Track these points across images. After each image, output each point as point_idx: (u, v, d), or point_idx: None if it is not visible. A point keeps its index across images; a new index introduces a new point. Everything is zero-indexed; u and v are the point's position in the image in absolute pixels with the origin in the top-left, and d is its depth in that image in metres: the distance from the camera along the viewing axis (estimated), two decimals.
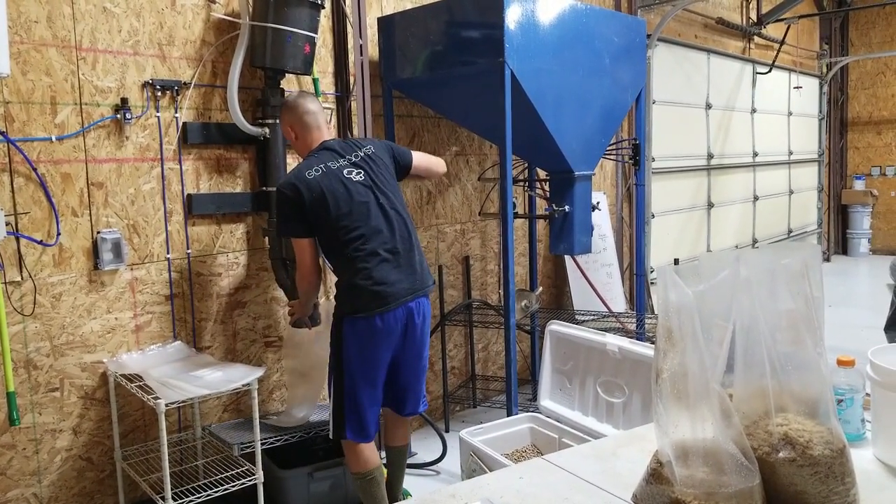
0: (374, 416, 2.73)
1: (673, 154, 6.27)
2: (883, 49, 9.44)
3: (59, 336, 2.80)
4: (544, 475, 1.41)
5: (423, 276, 2.75)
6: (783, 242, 8.19)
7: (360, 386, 2.65)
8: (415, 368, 2.80)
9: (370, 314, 2.59)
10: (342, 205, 2.63)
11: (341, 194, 2.64)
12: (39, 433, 2.77)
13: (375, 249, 2.63)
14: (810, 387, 1.18)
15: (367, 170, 2.73)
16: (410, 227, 2.77)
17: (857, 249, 9.74)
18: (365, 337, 2.62)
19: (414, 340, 2.73)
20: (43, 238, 2.74)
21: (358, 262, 2.61)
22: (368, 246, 2.62)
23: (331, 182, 2.65)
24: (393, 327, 2.64)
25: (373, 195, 2.69)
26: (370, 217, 2.65)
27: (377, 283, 2.60)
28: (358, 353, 2.63)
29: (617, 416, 3.05)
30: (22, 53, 2.65)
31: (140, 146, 2.99)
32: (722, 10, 7.03)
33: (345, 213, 2.62)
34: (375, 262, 2.62)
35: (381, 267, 2.62)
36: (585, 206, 3.79)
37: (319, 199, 2.61)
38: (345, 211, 2.62)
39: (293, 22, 3.08)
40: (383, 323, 2.61)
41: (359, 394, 2.65)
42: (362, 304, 2.60)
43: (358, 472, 2.73)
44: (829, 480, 1.14)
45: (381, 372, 2.69)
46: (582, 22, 3.59)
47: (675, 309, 1.14)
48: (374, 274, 2.60)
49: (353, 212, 2.63)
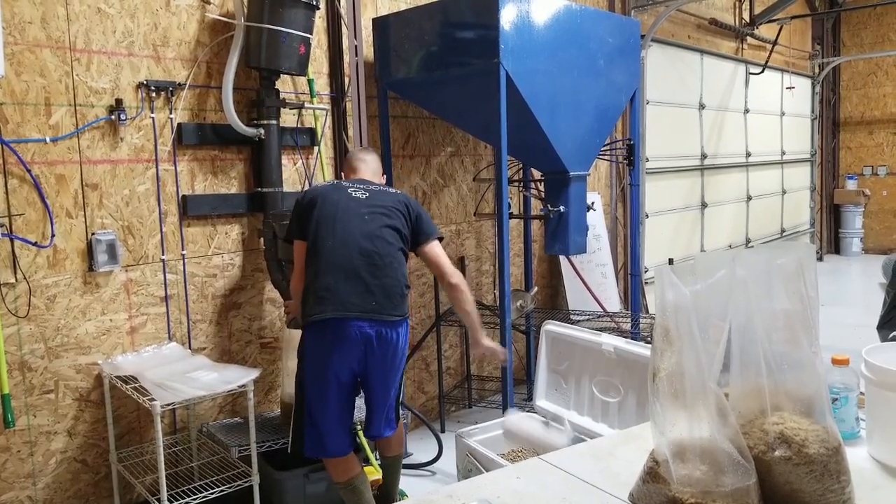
0: (337, 433, 2.63)
1: (667, 154, 6.29)
2: (874, 49, 9.49)
3: (54, 338, 2.79)
4: (541, 475, 1.42)
5: (384, 304, 2.59)
6: (777, 242, 8.22)
7: (311, 400, 2.60)
8: (378, 392, 2.70)
9: (312, 318, 2.54)
10: (327, 213, 2.64)
11: (332, 203, 2.66)
12: (34, 435, 2.76)
13: (335, 262, 2.57)
14: (806, 386, 1.19)
15: (373, 195, 2.73)
16: (387, 255, 2.64)
17: (850, 249, 9.79)
18: (315, 346, 2.58)
19: (375, 365, 2.62)
20: (37, 240, 2.73)
21: (316, 270, 2.59)
22: (331, 257, 2.58)
23: (334, 193, 2.71)
24: (342, 343, 2.55)
25: (361, 211, 2.66)
26: (345, 230, 2.61)
27: (324, 289, 2.55)
28: (311, 364, 2.60)
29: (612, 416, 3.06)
30: (16, 54, 2.64)
31: (135, 147, 2.98)
32: (715, 11, 7.05)
33: (323, 222, 2.63)
34: (332, 272, 2.56)
35: (335, 278, 2.56)
36: (580, 206, 3.79)
37: (315, 203, 2.67)
38: (325, 220, 2.63)
39: (288, 22, 3.08)
40: (332, 334, 2.54)
41: (312, 408, 2.61)
42: (309, 307, 2.58)
43: (336, 481, 2.72)
44: (825, 479, 1.15)
45: (333, 387, 2.60)
46: (576, 23, 3.60)
47: (672, 308, 1.14)
48: (324, 281, 2.56)
49: (328, 222, 2.62)
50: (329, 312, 2.53)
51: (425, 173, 4.18)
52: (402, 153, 4.04)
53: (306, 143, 3.56)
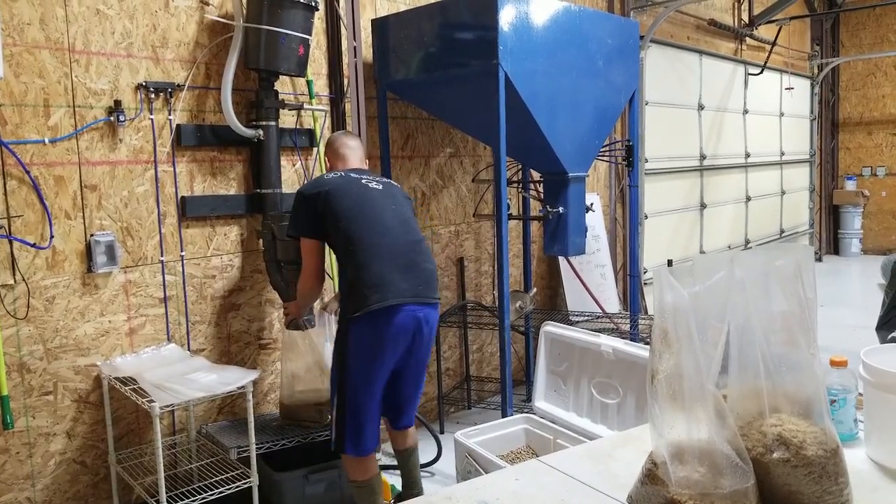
0: (374, 431, 2.67)
1: (666, 155, 6.29)
2: (873, 50, 9.50)
3: (53, 339, 2.79)
4: (540, 476, 1.42)
5: (428, 288, 2.69)
6: (776, 243, 8.22)
7: (361, 398, 2.60)
8: (417, 380, 2.78)
9: (370, 310, 2.53)
10: (354, 205, 2.66)
11: (355, 195, 2.68)
12: (33, 437, 2.75)
13: (381, 252, 2.61)
14: (804, 387, 1.19)
15: (385, 186, 2.81)
16: (421, 241, 2.76)
17: (849, 249, 9.79)
18: (369, 339, 2.57)
19: (420, 350, 2.69)
20: (36, 241, 2.73)
21: (362, 262, 2.59)
22: (375, 248, 2.61)
23: (348, 186, 2.71)
24: (397, 331, 2.58)
25: (387, 202, 2.73)
26: (381, 220, 2.66)
27: (377, 278, 2.57)
28: (362, 359, 2.58)
29: (611, 417, 3.06)
30: (15, 56, 2.64)
31: (134, 148, 2.98)
32: (714, 12, 7.06)
33: (356, 214, 2.64)
34: (379, 262, 2.59)
35: (384, 267, 2.59)
36: (579, 207, 3.80)
37: (333, 197, 2.66)
38: (356, 212, 2.65)
39: (287, 24, 3.08)
40: (386, 323, 2.56)
41: (360, 407, 2.61)
42: (360, 299, 2.56)
43: (354, 480, 2.72)
44: (823, 480, 1.15)
45: (383, 382, 2.65)
46: (575, 24, 3.60)
47: (670, 310, 1.14)
48: (376, 270, 2.58)
49: (363, 213, 2.65)
50: (390, 300, 2.56)
51: (424, 174, 4.18)
52: (401, 154, 4.04)
53: (305, 144, 3.56)
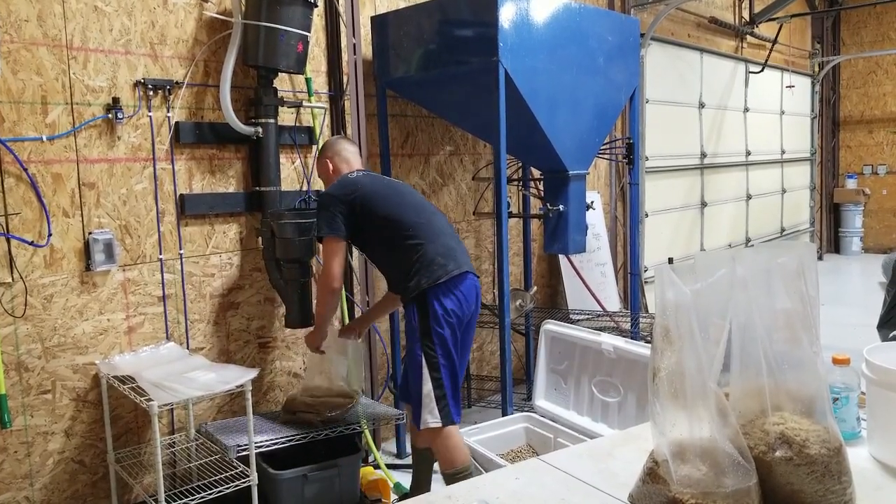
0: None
1: (666, 153, 6.28)
2: (874, 48, 9.49)
3: (51, 338, 2.78)
4: (540, 475, 1.41)
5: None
6: (778, 241, 8.21)
7: (456, 363, 2.66)
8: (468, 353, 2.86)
9: (451, 275, 2.64)
10: (394, 194, 2.79)
11: (388, 187, 2.84)
12: (31, 436, 2.74)
13: (438, 229, 2.75)
14: (806, 385, 1.18)
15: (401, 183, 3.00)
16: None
17: (850, 248, 9.78)
18: (453, 304, 2.64)
19: (474, 319, 2.80)
20: (34, 239, 2.72)
21: (427, 238, 2.69)
22: (432, 226, 2.74)
23: (377, 180, 2.88)
24: (467, 296, 2.70)
25: (413, 190, 2.95)
26: (423, 205, 2.82)
27: (444, 248, 2.70)
28: (450, 327, 2.63)
29: (612, 416, 3.06)
30: (12, 52, 2.63)
31: (132, 146, 2.97)
32: (714, 10, 7.04)
33: (399, 202, 2.76)
34: (441, 236, 2.73)
35: (447, 240, 2.75)
36: (580, 205, 3.79)
37: (371, 193, 2.75)
38: (398, 200, 2.77)
39: (286, 20, 3.07)
40: (462, 289, 2.67)
41: (456, 373, 2.67)
42: (440, 269, 2.65)
43: (457, 469, 2.65)
44: (826, 479, 1.14)
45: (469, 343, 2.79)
46: (576, 21, 3.59)
47: (672, 308, 1.13)
48: (441, 243, 2.70)
49: (405, 201, 2.79)
50: (463, 267, 2.70)
51: (424, 172, 4.17)
52: (400, 152, 4.03)
53: (304, 141, 3.54)
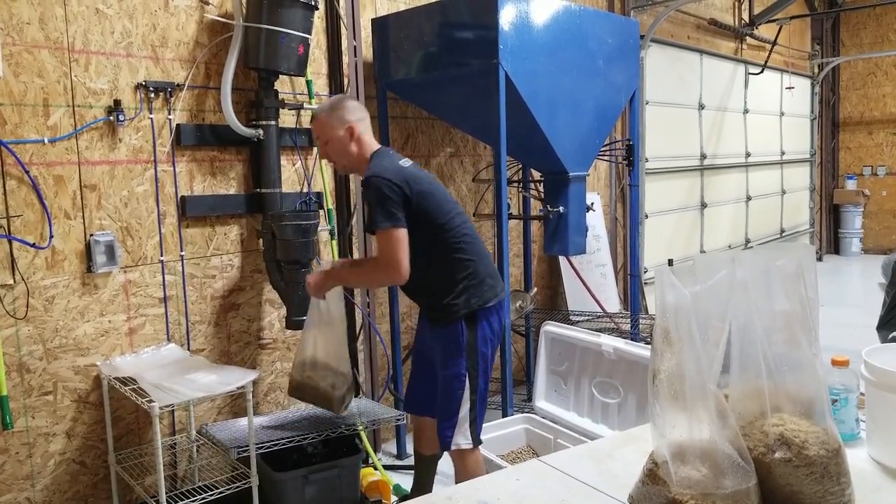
0: None
1: (666, 155, 6.29)
2: (874, 49, 9.49)
3: (52, 339, 2.78)
4: (540, 477, 1.41)
5: None
6: (777, 242, 8.22)
7: (486, 387, 2.66)
8: None
9: (500, 299, 2.60)
10: (446, 204, 2.54)
11: (445, 194, 2.60)
12: (33, 437, 2.75)
13: (482, 251, 2.62)
14: (805, 387, 1.19)
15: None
16: None
17: (849, 249, 9.78)
18: (496, 328, 2.62)
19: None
20: (35, 241, 2.72)
21: (478, 254, 2.58)
22: (479, 243, 2.62)
23: (433, 180, 2.62)
24: (503, 319, 2.69)
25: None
26: (468, 220, 2.63)
27: (492, 270, 2.62)
28: (491, 349, 2.62)
29: (612, 417, 3.06)
30: (14, 55, 2.64)
31: (133, 148, 2.98)
32: (714, 11, 7.05)
33: (452, 207, 2.55)
34: (485, 259, 2.61)
35: (489, 261, 2.63)
36: (580, 206, 3.79)
37: (427, 189, 2.48)
38: (451, 205, 2.56)
39: (287, 23, 3.08)
40: (501, 314, 2.65)
41: (485, 396, 2.66)
42: (490, 291, 2.57)
43: None
44: (825, 480, 1.15)
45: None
46: (575, 23, 3.60)
47: (672, 309, 1.14)
48: (487, 262, 2.61)
49: (455, 212, 2.56)
50: (505, 289, 2.69)
51: None
52: (401, 153, 4.03)
53: (305, 143, 3.55)
